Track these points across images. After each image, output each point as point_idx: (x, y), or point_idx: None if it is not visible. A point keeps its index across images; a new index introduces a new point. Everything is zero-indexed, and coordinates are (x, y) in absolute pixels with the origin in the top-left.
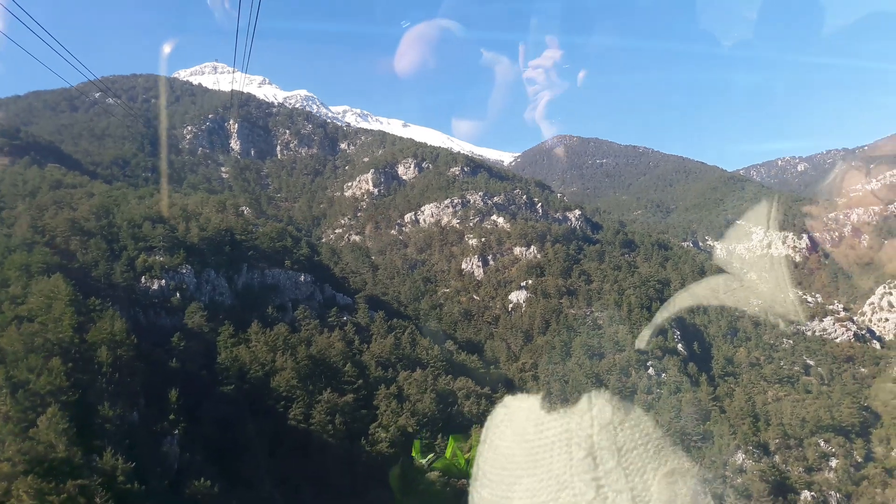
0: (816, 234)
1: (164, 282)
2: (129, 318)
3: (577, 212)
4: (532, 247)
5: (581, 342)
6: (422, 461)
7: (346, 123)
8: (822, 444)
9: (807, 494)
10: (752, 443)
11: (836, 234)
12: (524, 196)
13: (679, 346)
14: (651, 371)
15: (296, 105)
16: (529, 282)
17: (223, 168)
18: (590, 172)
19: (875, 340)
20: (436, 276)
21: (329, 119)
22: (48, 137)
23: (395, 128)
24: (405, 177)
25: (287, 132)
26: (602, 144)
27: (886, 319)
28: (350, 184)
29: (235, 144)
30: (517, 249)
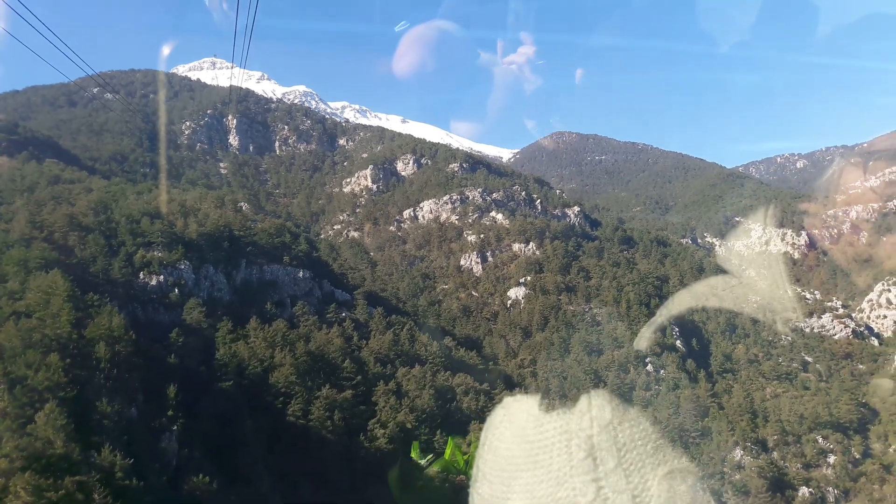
0: (815, 231)
1: (163, 277)
2: (128, 314)
3: (576, 208)
4: (531, 243)
5: (580, 339)
6: (420, 462)
7: (345, 119)
8: (820, 441)
9: (805, 491)
10: (751, 439)
11: (836, 231)
12: (523, 193)
13: (678, 343)
14: (650, 367)
15: (294, 101)
16: (528, 278)
17: (222, 164)
18: (589, 169)
19: (873, 337)
20: (435, 273)
21: (328, 115)
22: (46, 132)
23: (394, 124)
24: (404, 173)
25: (286, 128)
26: (601, 141)
27: (885, 316)
28: (349, 180)
29: (234, 140)
30: (516, 246)
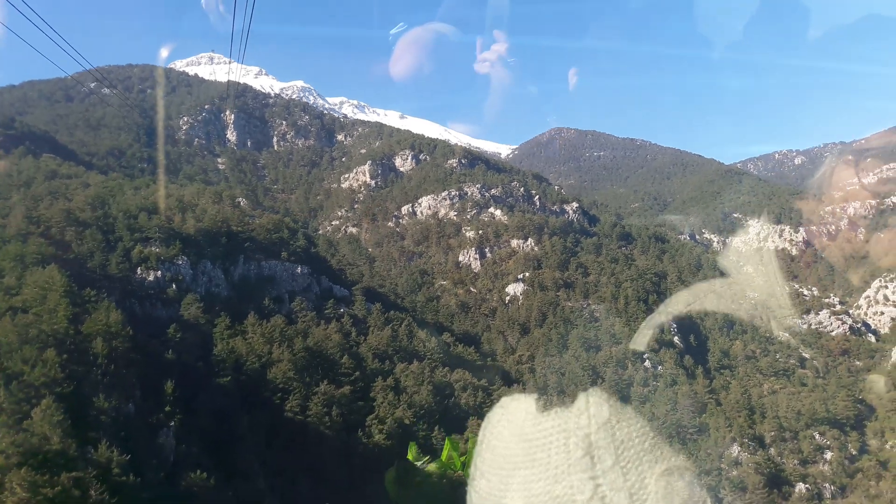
0: (812, 228)
1: (160, 273)
2: (125, 310)
3: (575, 204)
4: (529, 239)
5: (578, 335)
6: (417, 463)
7: (343, 115)
8: (817, 437)
9: (801, 487)
10: (748, 435)
11: (833, 228)
12: (521, 188)
13: (675, 339)
14: (647, 364)
15: (292, 96)
16: (526, 274)
17: (219, 159)
18: (587, 165)
19: (870, 334)
20: (433, 269)
21: (326, 110)
22: (43, 127)
23: (393, 119)
24: (402, 169)
25: (284, 123)
26: (599, 137)
27: (882, 313)
28: (347, 175)
29: (232, 135)
30: (514, 242)
